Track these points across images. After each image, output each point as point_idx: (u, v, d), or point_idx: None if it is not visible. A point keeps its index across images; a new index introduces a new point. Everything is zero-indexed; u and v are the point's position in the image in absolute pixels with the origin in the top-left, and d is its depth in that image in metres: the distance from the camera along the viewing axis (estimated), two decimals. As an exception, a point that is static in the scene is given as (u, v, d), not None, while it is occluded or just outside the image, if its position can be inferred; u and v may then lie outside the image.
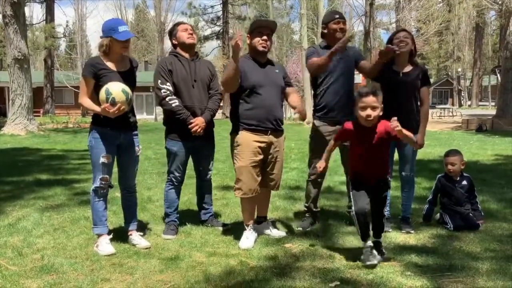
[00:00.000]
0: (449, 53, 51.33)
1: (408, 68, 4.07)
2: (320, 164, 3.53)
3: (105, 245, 3.56)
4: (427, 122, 4.16)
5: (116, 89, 3.39)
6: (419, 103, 4.12)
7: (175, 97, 3.92)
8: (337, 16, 4.14)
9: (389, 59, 3.89)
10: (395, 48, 3.81)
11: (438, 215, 4.35)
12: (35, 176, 7.03)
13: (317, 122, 4.22)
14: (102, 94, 3.40)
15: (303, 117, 3.95)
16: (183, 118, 3.90)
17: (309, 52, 4.24)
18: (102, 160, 3.57)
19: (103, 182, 3.60)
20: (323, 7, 27.50)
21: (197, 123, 3.90)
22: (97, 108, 3.49)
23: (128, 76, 3.65)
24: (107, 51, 3.56)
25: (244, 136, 3.73)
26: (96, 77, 3.53)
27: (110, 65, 3.58)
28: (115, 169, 3.74)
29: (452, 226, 4.07)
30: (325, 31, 4.19)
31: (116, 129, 3.59)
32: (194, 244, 3.72)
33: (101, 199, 3.65)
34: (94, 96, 3.57)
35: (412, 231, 4.05)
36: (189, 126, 3.89)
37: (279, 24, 38.07)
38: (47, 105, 34.03)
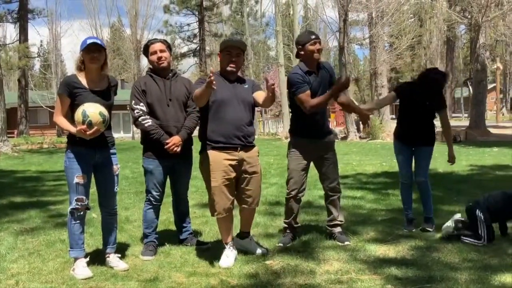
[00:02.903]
0: (422, 67, 52.40)
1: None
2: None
3: (81, 269, 3.48)
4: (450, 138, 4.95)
5: (93, 111, 3.33)
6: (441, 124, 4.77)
7: (148, 117, 3.91)
8: (313, 37, 4.08)
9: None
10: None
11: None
12: (9, 199, 6.86)
13: (294, 139, 4.23)
14: (79, 115, 3.34)
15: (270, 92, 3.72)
16: (156, 138, 3.88)
17: (296, 81, 4.02)
18: (76, 180, 3.48)
19: (78, 203, 3.51)
20: (298, 24, 27.94)
21: (174, 142, 3.88)
22: (72, 129, 3.43)
23: (104, 96, 3.57)
24: (82, 68, 3.51)
25: (213, 155, 3.67)
26: (71, 95, 3.47)
27: (86, 83, 3.50)
28: (93, 191, 3.67)
29: (486, 240, 3.99)
30: (302, 52, 4.11)
31: (90, 148, 3.51)
32: (173, 265, 3.67)
33: (78, 221, 3.57)
34: (69, 114, 3.52)
35: (431, 229, 4.44)
36: (165, 146, 3.87)
37: (255, 40, 38.42)
38: (22, 126, 33.42)
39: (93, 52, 3.45)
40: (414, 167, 4.69)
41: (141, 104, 3.92)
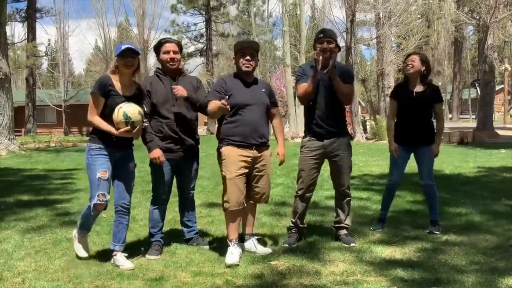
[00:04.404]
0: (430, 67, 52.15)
1: (420, 88, 4.46)
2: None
3: (80, 250, 3.79)
4: (442, 134, 4.63)
5: (132, 111, 3.48)
6: (435, 118, 4.60)
7: (146, 120, 3.89)
8: (321, 35, 4.12)
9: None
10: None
11: None
12: (16, 197, 6.89)
13: (305, 137, 4.26)
14: (120, 117, 3.46)
15: (281, 162, 4.15)
16: (144, 142, 3.91)
17: (297, 76, 4.24)
18: (98, 175, 3.57)
19: (100, 199, 3.58)
20: (305, 24, 27.89)
21: (155, 156, 3.90)
22: (114, 130, 3.54)
23: (131, 101, 3.65)
24: (115, 72, 3.65)
25: (229, 150, 3.82)
26: (104, 95, 3.58)
27: (118, 86, 3.64)
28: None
29: None
30: (314, 48, 4.22)
31: (112, 146, 3.64)
32: (179, 264, 3.67)
33: (95, 214, 3.73)
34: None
35: (438, 232, 4.39)
36: (149, 155, 3.91)
37: (262, 41, 38.38)
38: (29, 124, 33.56)
39: (127, 57, 3.59)
40: (418, 169, 4.62)
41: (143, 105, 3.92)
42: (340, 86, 4.04)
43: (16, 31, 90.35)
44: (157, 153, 3.89)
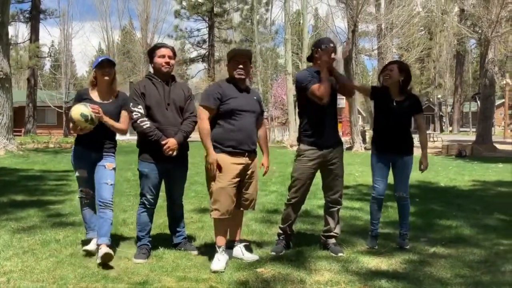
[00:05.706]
0: (431, 80, 52.38)
1: (401, 97, 4.37)
2: None
3: (92, 245, 3.98)
4: (426, 146, 4.54)
5: (75, 111, 3.79)
6: (417, 129, 4.51)
7: (146, 119, 3.95)
8: (331, 44, 4.16)
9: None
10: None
11: None
12: (10, 197, 6.91)
13: (303, 147, 4.20)
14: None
15: (265, 173, 4.22)
16: (155, 139, 3.91)
17: (305, 79, 4.10)
18: (77, 173, 4.08)
19: (81, 193, 4.12)
20: (307, 33, 28.00)
21: (169, 145, 3.91)
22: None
23: (108, 108, 3.97)
24: (94, 83, 4.03)
25: (223, 159, 3.80)
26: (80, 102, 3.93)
27: (94, 95, 4.01)
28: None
29: None
30: (317, 55, 4.14)
31: (87, 148, 4.02)
32: (165, 269, 3.68)
33: (86, 207, 4.15)
34: None
35: (407, 246, 4.34)
36: (163, 148, 3.90)
37: (264, 48, 38.56)
38: (29, 125, 33.69)
39: (105, 68, 3.96)
40: (394, 180, 4.48)
41: (139, 106, 3.96)
42: (342, 78, 4.22)
43: (20, 31, 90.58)
44: (171, 142, 3.93)
